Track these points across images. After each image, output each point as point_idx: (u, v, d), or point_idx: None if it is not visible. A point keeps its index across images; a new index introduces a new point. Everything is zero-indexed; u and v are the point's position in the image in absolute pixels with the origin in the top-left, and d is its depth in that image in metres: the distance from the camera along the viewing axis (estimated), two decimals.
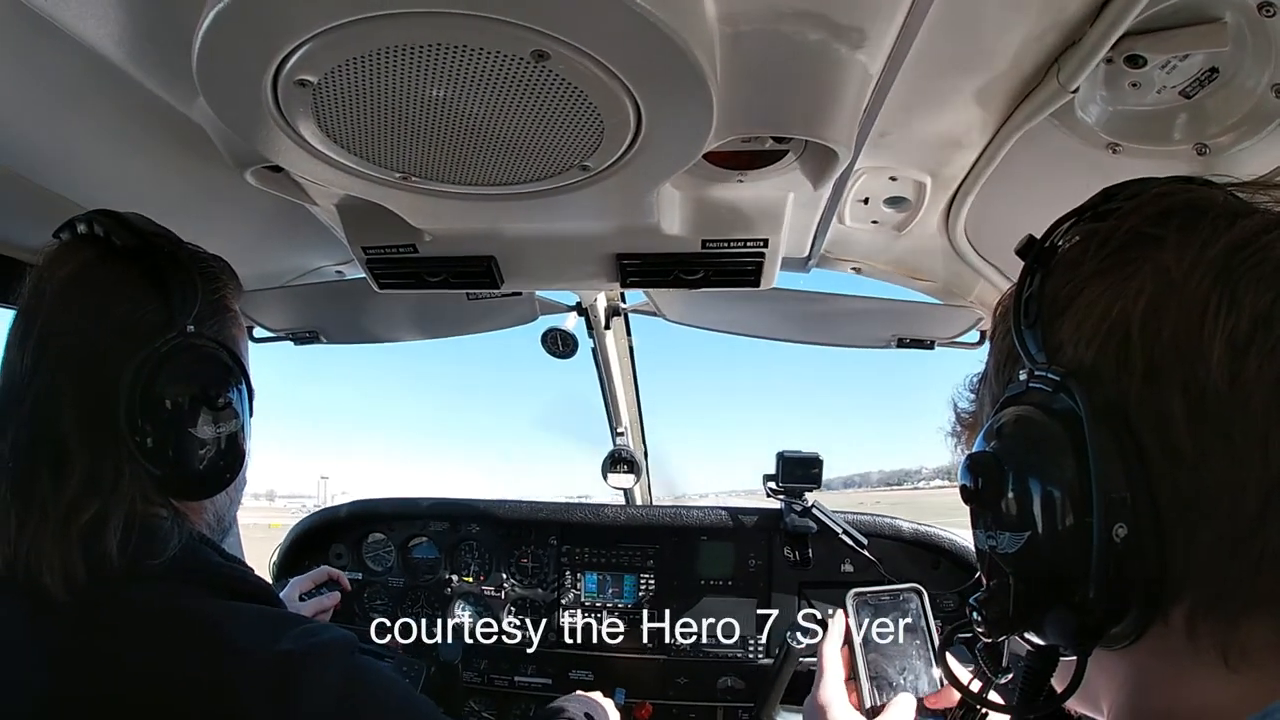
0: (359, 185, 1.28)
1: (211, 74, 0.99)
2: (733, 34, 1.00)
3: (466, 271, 1.71)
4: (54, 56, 1.22)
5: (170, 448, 1.18)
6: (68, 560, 1.07)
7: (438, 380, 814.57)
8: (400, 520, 3.10)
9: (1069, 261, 0.73)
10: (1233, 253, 0.62)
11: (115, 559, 1.09)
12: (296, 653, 1.09)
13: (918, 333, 2.37)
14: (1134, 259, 0.67)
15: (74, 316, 1.17)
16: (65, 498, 1.10)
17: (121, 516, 1.11)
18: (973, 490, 0.75)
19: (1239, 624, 0.60)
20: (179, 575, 1.14)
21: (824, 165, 1.32)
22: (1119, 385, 0.65)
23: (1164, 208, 0.69)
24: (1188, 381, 0.61)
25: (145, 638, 1.08)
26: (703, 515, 2.90)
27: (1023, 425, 0.71)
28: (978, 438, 0.78)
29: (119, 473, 1.14)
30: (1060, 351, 0.70)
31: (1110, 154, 1.36)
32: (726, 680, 2.81)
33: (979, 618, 0.76)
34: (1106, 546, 0.62)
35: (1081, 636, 0.67)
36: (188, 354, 1.21)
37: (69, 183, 1.59)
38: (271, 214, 1.84)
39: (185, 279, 1.23)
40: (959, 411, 0.89)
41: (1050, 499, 0.67)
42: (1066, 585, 0.66)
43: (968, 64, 1.23)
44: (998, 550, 0.73)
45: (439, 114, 1.05)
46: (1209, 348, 0.60)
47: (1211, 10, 1.11)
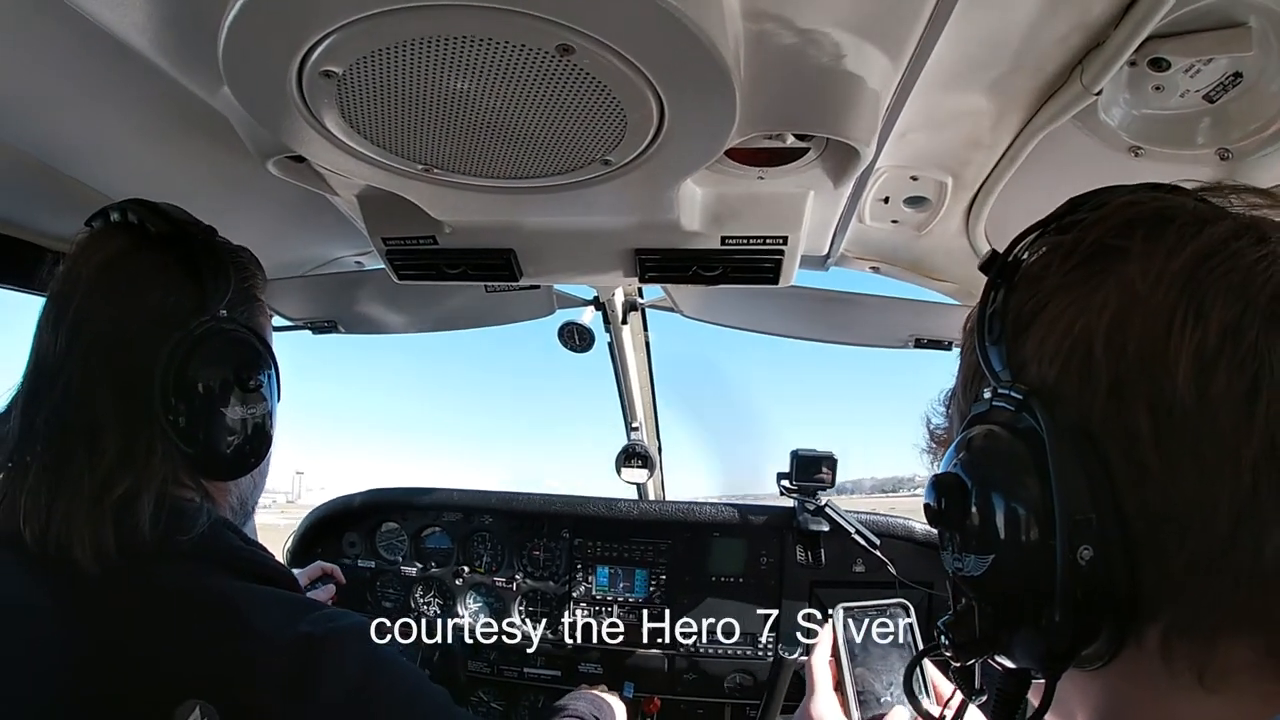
0: (381, 176, 1.28)
1: (237, 64, 1.00)
2: (757, 31, 1.00)
3: (486, 264, 1.72)
4: (78, 46, 1.23)
5: (202, 428, 1.21)
6: (99, 534, 1.10)
7: (413, 374, 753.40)
8: (414, 510, 3.11)
9: (1032, 276, 0.72)
10: (1199, 262, 0.61)
11: (146, 534, 1.12)
12: (315, 635, 1.11)
13: (935, 333, 2.36)
14: (1098, 271, 0.66)
15: (108, 301, 1.20)
16: (99, 473, 1.13)
17: (153, 493, 1.15)
18: (937, 511, 0.74)
19: (1216, 644, 0.59)
20: (203, 556, 1.16)
21: (845, 163, 1.32)
22: (1082, 404, 0.64)
23: (1129, 217, 0.67)
24: (1154, 398, 0.60)
25: (169, 615, 1.10)
26: (715, 512, 2.90)
27: (986, 446, 0.70)
28: (945, 453, 0.77)
29: (151, 450, 1.17)
30: (1024, 369, 0.69)
31: (1133, 157, 1.35)
32: (735, 677, 2.81)
33: (947, 641, 0.75)
34: (1072, 568, 0.61)
35: (1050, 660, 0.65)
36: (220, 337, 1.24)
37: (92, 171, 1.61)
38: (292, 204, 1.85)
39: (218, 266, 1.26)
40: (932, 428, 0.88)
41: (1014, 521, 0.66)
42: (1033, 608, 0.65)
43: (991, 64, 1.22)
44: (964, 573, 0.72)
45: (463, 107, 1.06)
46: (1175, 363, 0.59)
47: (1236, 15, 1.10)
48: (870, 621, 1.61)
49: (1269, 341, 0.57)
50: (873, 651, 1.56)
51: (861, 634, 1.59)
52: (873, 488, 16.01)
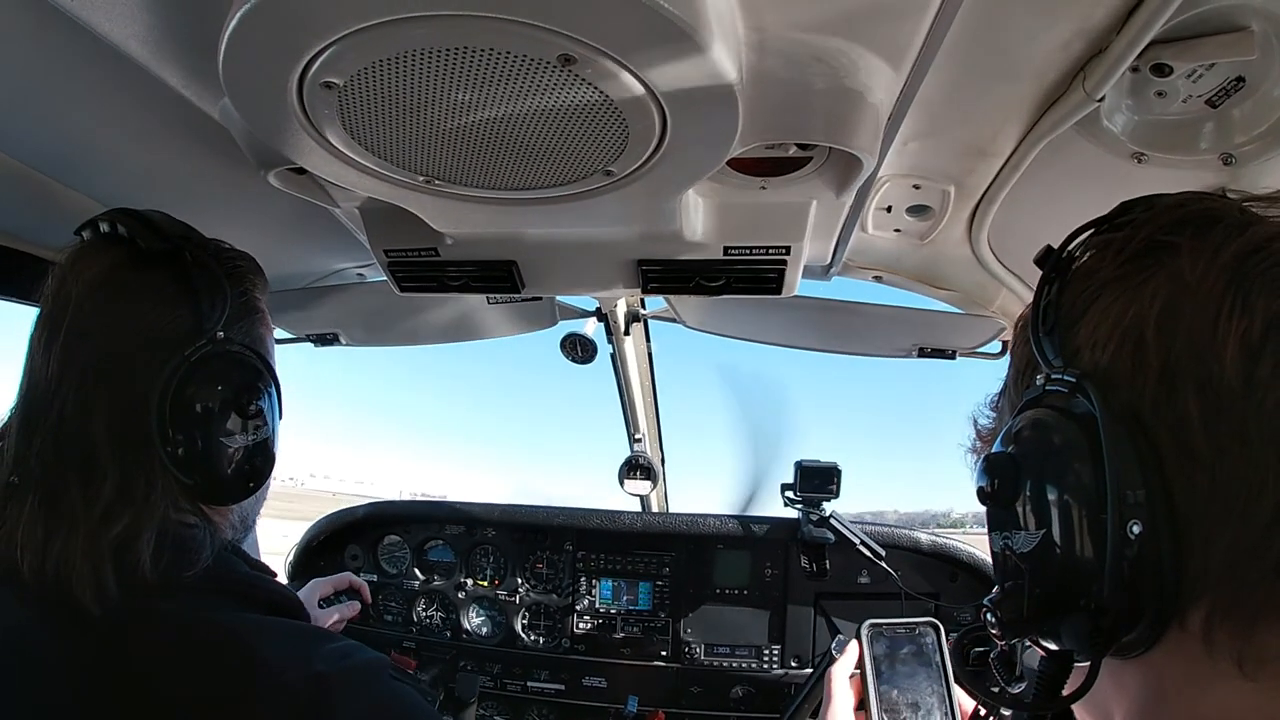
0: (382, 188, 1.28)
1: (237, 75, 0.99)
2: (759, 41, 1.00)
3: (488, 275, 1.72)
4: (78, 57, 1.23)
5: (203, 457, 1.18)
6: (99, 572, 1.06)
7: (411, 385, 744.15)
8: (416, 523, 3.11)
9: (1086, 270, 0.75)
10: (1245, 258, 0.64)
11: (149, 571, 1.08)
12: (330, 675, 1.07)
13: (939, 342, 2.35)
14: (1149, 265, 0.69)
15: (101, 324, 1.16)
16: (97, 509, 1.09)
17: (154, 528, 1.11)
18: (989, 491, 0.76)
19: (1256, 630, 0.60)
20: (209, 587, 1.13)
21: (848, 173, 1.31)
22: (1134, 387, 0.66)
23: (1179, 217, 0.70)
24: (1203, 382, 0.62)
25: (176, 653, 1.06)
26: (719, 523, 2.89)
27: (1039, 426, 0.72)
28: (996, 441, 0.79)
29: (151, 486, 1.13)
30: (1077, 356, 0.71)
31: (1135, 163, 1.35)
32: (739, 690, 2.80)
33: (993, 619, 0.76)
34: (1121, 543, 0.63)
35: (1095, 638, 0.67)
36: (218, 361, 1.21)
37: (92, 183, 1.61)
38: (293, 216, 1.85)
39: (213, 282, 1.22)
40: (979, 428, 0.90)
41: (1065, 497, 0.68)
42: (1081, 584, 0.67)
43: (993, 72, 1.22)
44: (1013, 550, 0.74)
45: (464, 118, 1.05)
46: (1223, 349, 0.61)
47: (1238, 19, 1.10)
48: (898, 640, 1.60)
49: None
50: (900, 670, 1.55)
51: (889, 652, 1.58)
52: (896, 521, 16.08)
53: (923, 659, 1.58)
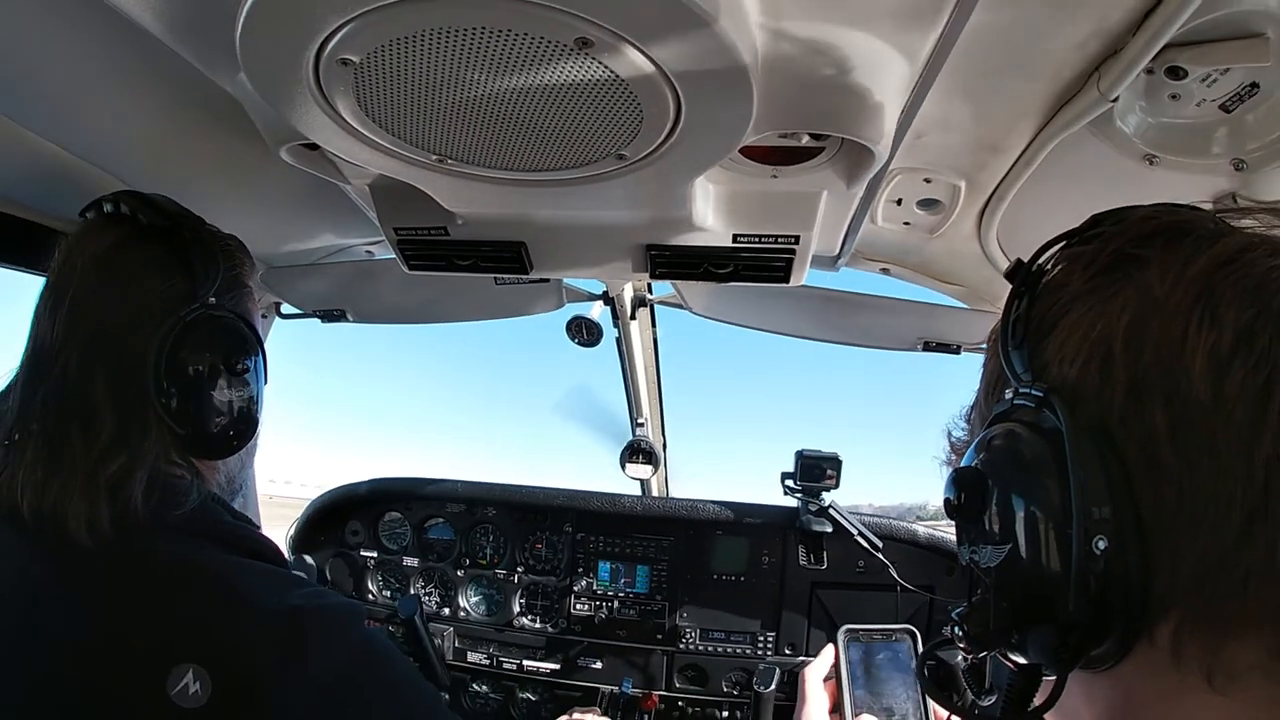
0: (394, 166, 1.28)
1: (254, 50, 1.00)
2: (775, 29, 1.00)
3: (496, 256, 1.72)
4: (91, 30, 1.25)
5: (193, 410, 1.27)
6: (94, 509, 1.14)
7: (412, 365, 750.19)
8: (418, 500, 3.12)
9: (1055, 284, 0.75)
10: (1214, 270, 0.64)
11: (140, 509, 1.16)
12: (307, 609, 1.15)
13: (944, 336, 2.35)
14: (1118, 279, 0.69)
15: (103, 291, 1.26)
16: (94, 452, 1.18)
17: (146, 470, 1.20)
18: (956, 504, 0.76)
19: (1225, 644, 0.60)
20: (195, 530, 1.22)
21: (859, 164, 1.31)
22: (1102, 400, 0.66)
23: (1149, 230, 0.70)
24: (1171, 395, 0.62)
25: (163, 586, 1.15)
26: (718, 509, 2.90)
27: (1006, 440, 0.72)
28: (965, 455, 0.79)
29: (145, 432, 1.23)
30: (1046, 370, 0.71)
31: (1147, 165, 1.35)
32: (734, 675, 2.81)
33: (960, 633, 0.77)
34: (1087, 558, 0.63)
35: (1061, 653, 0.66)
36: (210, 324, 1.30)
37: (106, 156, 1.62)
38: (304, 192, 1.86)
39: (208, 256, 1.32)
40: (952, 440, 0.90)
41: (1032, 512, 0.68)
42: (1047, 598, 0.66)
43: (1008, 69, 1.22)
44: (980, 564, 0.74)
45: (479, 98, 1.06)
46: (1191, 362, 0.61)
47: (1254, 25, 1.10)
48: (874, 646, 1.61)
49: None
50: (875, 676, 1.57)
51: (864, 657, 1.60)
52: (874, 515, 15.96)
53: (899, 665, 1.60)
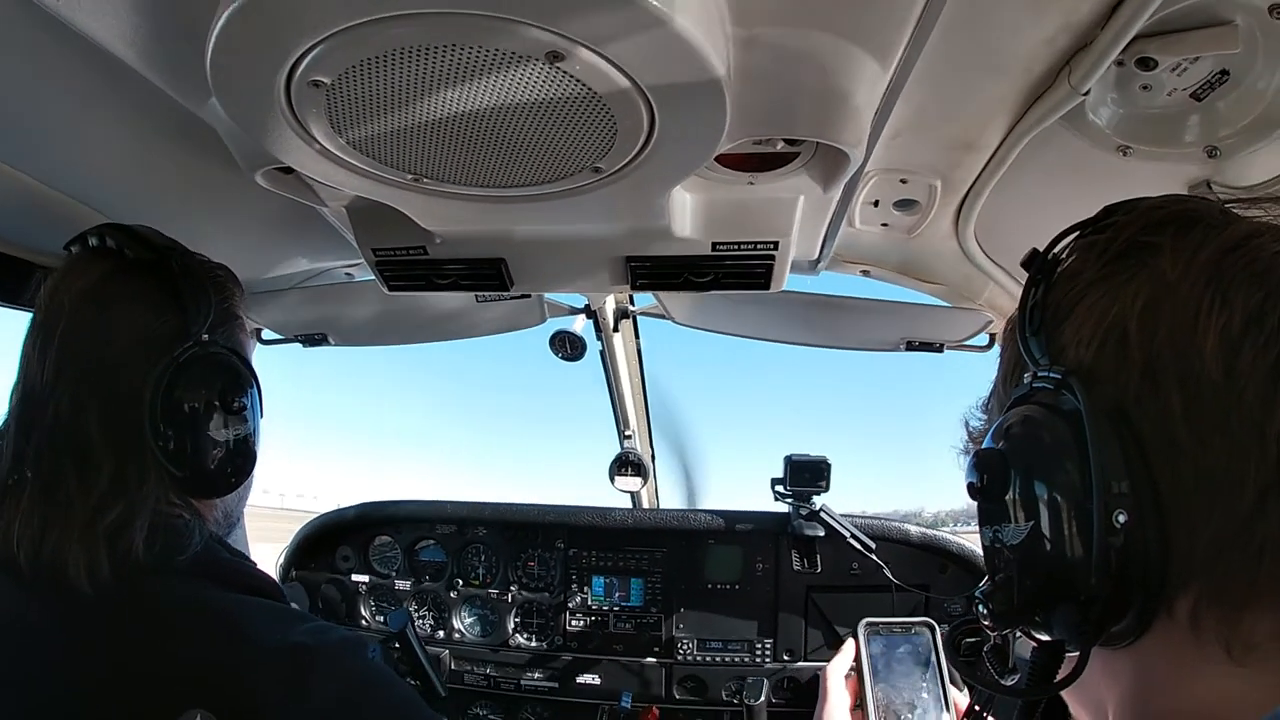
0: (370, 186, 1.28)
1: (225, 74, 0.99)
2: (746, 36, 1.00)
3: (476, 273, 1.71)
4: (63, 60, 1.23)
5: (191, 450, 1.25)
6: (93, 557, 1.12)
7: (397, 385, 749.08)
8: (408, 523, 3.09)
9: (1071, 271, 0.77)
10: (1224, 255, 0.66)
11: (141, 556, 1.14)
12: (309, 645, 1.14)
13: (927, 335, 2.36)
14: (1131, 265, 0.71)
15: (92, 330, 1.23)
16: (92, 498, 1.16)
17: (146, 517, 1.17)
18: (979, 486, 0.77)
19: (1243, 616, 0.62)
20: (195, 571, 1.19)
21: (835, 168, 1.32)
22: (1118, 382, 0.68)
23: (1160, 218, 0.72)
24: (1184, 376, 0.64)
25: (166, 627, 1.13)
26: (710, 519, 2.89)
27: (1026, 422, 0.74)
28: (985, 438, 0.80)
29: (144, 478, 1.20)
30: (1063, 354, 0.73)
31: (1121, 156, 1.36)
32: (733, 685, 2.80)
33: (984, 610, 0.78)
34: (1108, 532, 0.64)
35: (1084, 628, 0.68)
36: (205, 361, 1.28)
37: (79, 186, 1.60)
38: (281, 216, 1.84)
39: (198, 288, 1.30)
40: (970, 430, 0.92)
41: (1052, 490, 0.70)
42: (1070, 573, 0.68)
43: (980, 66, 1.23)
44: (1003, 542, 0.75)
45: (452, 116, 1.05)
46: (1203, 343, 0.63)
47: (1223, 13, 1.11)
48: (895, 639, 1.60)
49: None
50: (894, 669, 1.56)
51: (885, 651, 1.59)
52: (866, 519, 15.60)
53: (918, 658, 1.59)
